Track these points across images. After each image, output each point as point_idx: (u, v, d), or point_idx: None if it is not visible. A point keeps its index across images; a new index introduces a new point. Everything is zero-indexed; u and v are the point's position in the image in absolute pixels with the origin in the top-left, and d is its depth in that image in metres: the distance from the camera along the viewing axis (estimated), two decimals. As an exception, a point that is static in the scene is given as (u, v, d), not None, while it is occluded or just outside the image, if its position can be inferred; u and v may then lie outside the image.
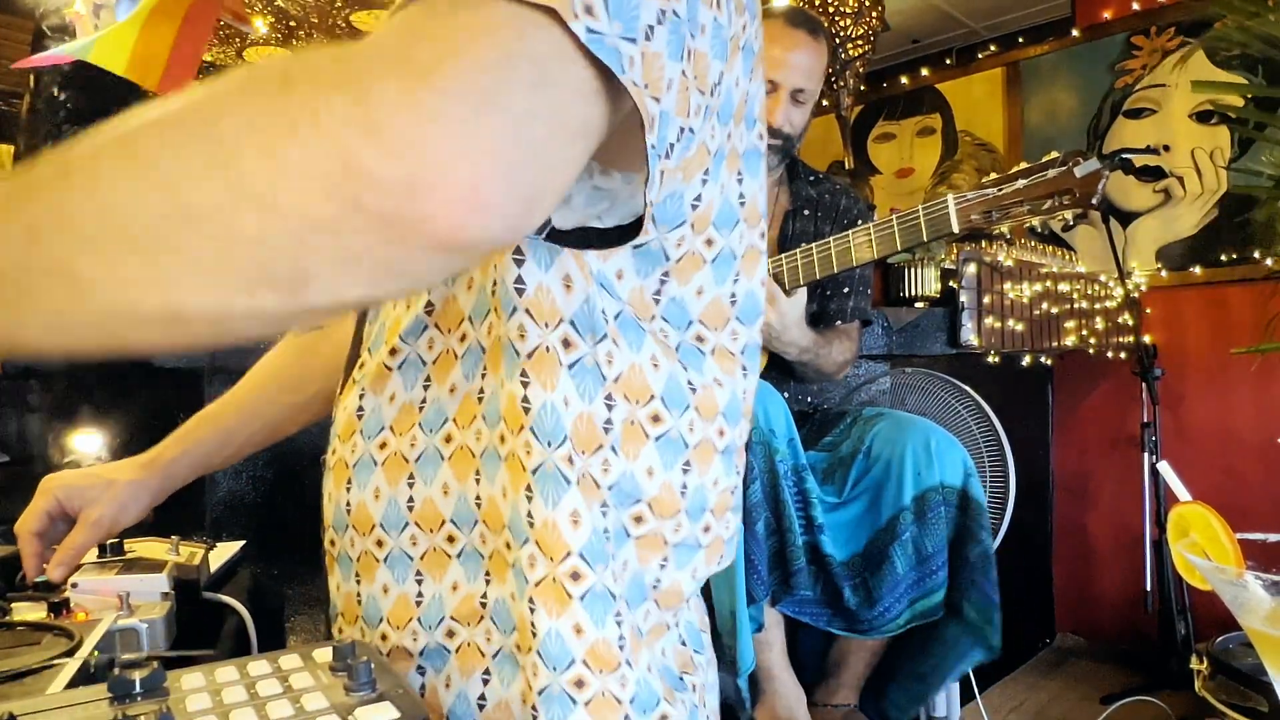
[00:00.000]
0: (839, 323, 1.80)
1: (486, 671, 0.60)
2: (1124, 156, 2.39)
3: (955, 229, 1.42)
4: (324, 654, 0.55)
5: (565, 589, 0.55)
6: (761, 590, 1.41)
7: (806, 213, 1.85)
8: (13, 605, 0.82)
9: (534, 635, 0.55)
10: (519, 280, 0.53)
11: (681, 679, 0.63)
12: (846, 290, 1.81)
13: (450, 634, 0.61)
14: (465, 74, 0.34)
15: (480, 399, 0.58)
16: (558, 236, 0.51)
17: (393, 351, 0.63)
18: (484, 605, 0.60)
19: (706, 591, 1.46)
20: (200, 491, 1.47)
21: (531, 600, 0.55)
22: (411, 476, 0.62)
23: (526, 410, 0.54)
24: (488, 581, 0.60)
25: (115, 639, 0.77)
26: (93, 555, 0.95)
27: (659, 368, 0.58)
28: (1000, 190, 1.39)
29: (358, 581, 0.66)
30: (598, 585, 0.55)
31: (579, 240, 0.52)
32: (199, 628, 0.93)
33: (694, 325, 0.60)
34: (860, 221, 1.86)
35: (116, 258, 0.35)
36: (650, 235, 0.55)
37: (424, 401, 0.62)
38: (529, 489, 0.55)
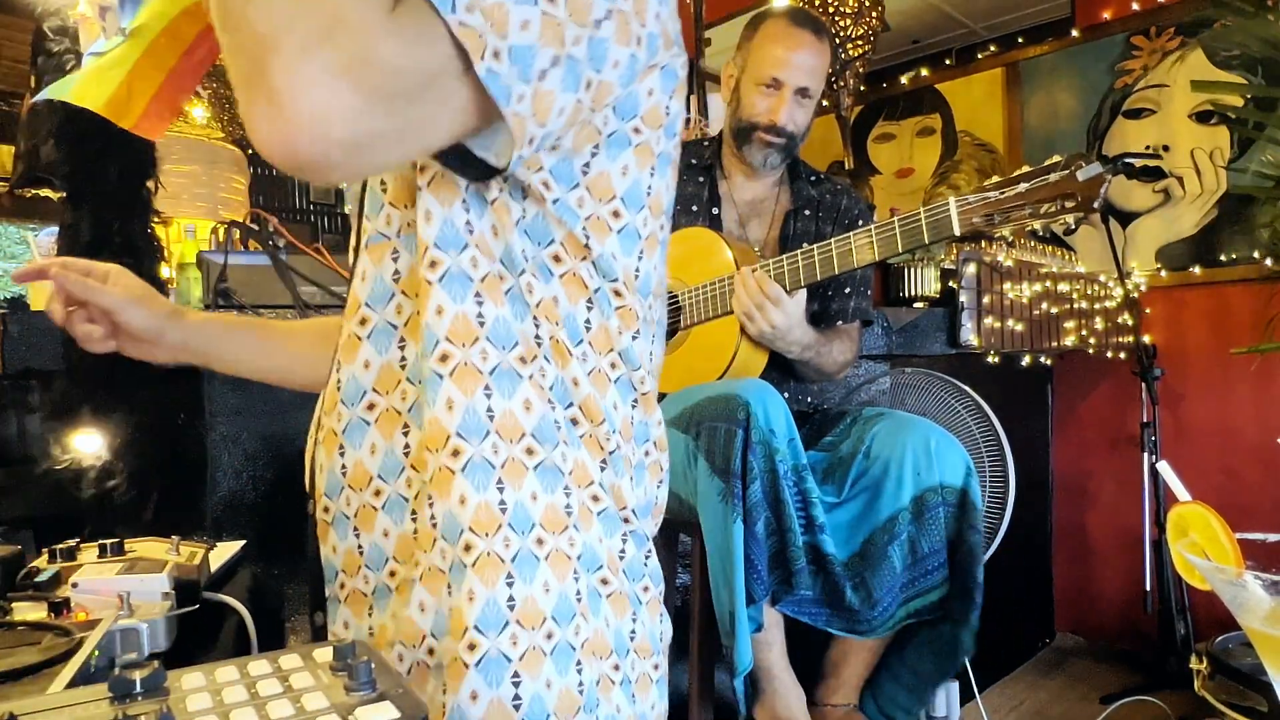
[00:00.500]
0: (840, 323, 1.80)
1: (510, 575, 0.64)
2: (1127, 160, 2.38)
3: (957, 231, 1.42)
4: (324, 653, 0.55)
5: (522, 463, 0.65)
6: (761, 590, 1.41)
7: (808, 212, 1.85)
8: (13, 605, 0.82)
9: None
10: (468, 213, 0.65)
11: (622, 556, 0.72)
12: (848, 290, 1.81)
13: (466, 547, 0.65)
14: (410, 69, 0.52)
15: (481, 323, 0.67)
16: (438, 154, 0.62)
17: (362, 321, 0.71)
18: (503, 510, 0.65)
19: (706, 592, 1.46)
20: (201, 492, 1.47)
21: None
22: (406, 426, 0.69)
23: (481, 324, 0.66)
24: (501, 488, 0.66)
25: (115, 639, 0.78)
26: (93, 555, 0.95)
27: (559, 302, 0.69)
28: (1002, 193, 1.38)
29: (356, 535, 0.71)
30: (547, 461, 0.66)
31: (454, 162, 0.62)
32: (199, 628, 0.93)
33: (616, 281, 0.70)
34: (861, 222, 1.86)
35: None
36: (548, 195, 0.66)
37: (403, 360, 0.69)
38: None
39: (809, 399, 1.85)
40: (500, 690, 0.62)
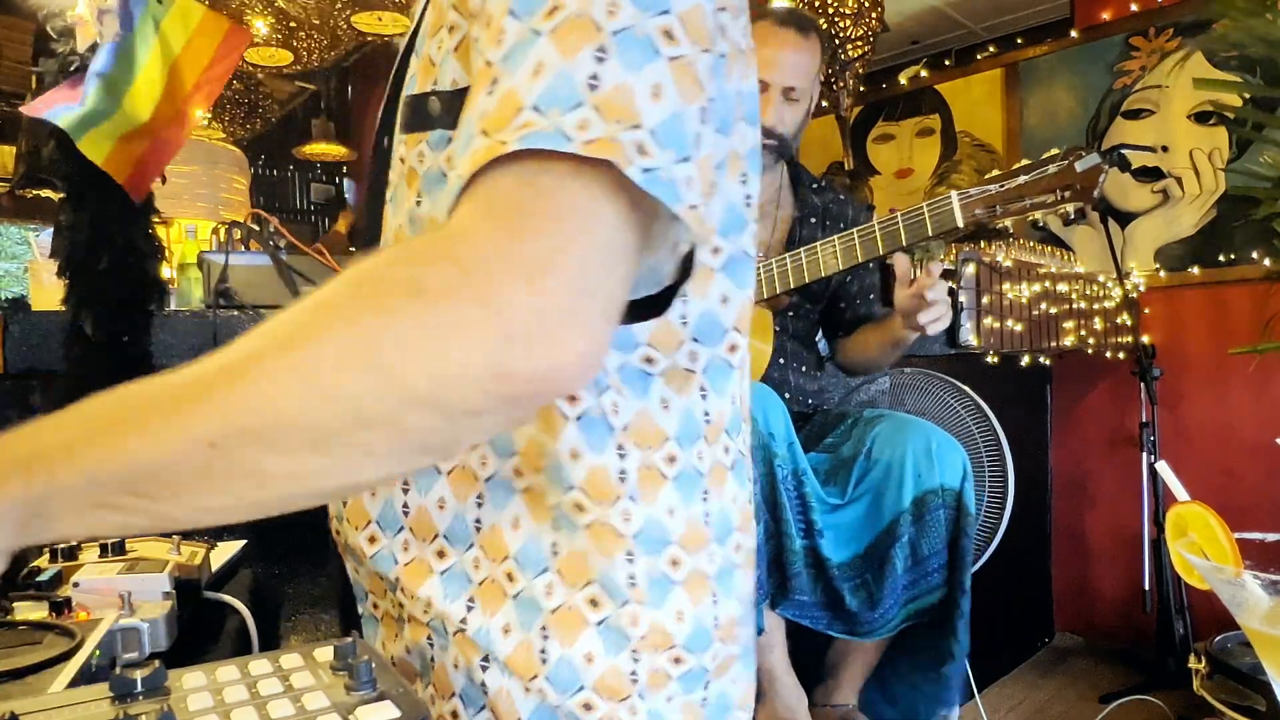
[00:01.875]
0: (843, 334, 1.85)
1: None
2: (1121, 152, 2.40)
3: (960, 224, 1.44)
4: (325, 653, 0.55)
5: (583, 615, 0.58)
6: (759, 595, 1.41)
7: (813, 220, 1.85)
8: (14, 604, 0.82)
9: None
10: None
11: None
12: (871, 296, 1.86)
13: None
14: (571, 272, 0.41)
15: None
16: None
17: None
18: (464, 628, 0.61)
19: None
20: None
21: (544, 629, 0.58)
22: (406, 484, 0.64)
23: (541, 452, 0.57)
24: (469, 608, 0.61)
25: (117, 638, 0.78)
26: (94, 554, 0.95)
27: (669, 409, 0.59)
28: (1002, 186, 1.41)
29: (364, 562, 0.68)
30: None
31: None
32: (200, 627, 0.93)
33: (729, 334, 0.61)
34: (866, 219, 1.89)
35: (299, 457, 0.41)
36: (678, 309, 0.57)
37: None
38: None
39: (809, 400, 1.85)
40: None
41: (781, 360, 1.77)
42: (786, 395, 1.78)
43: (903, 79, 4.00)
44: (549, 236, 0.41)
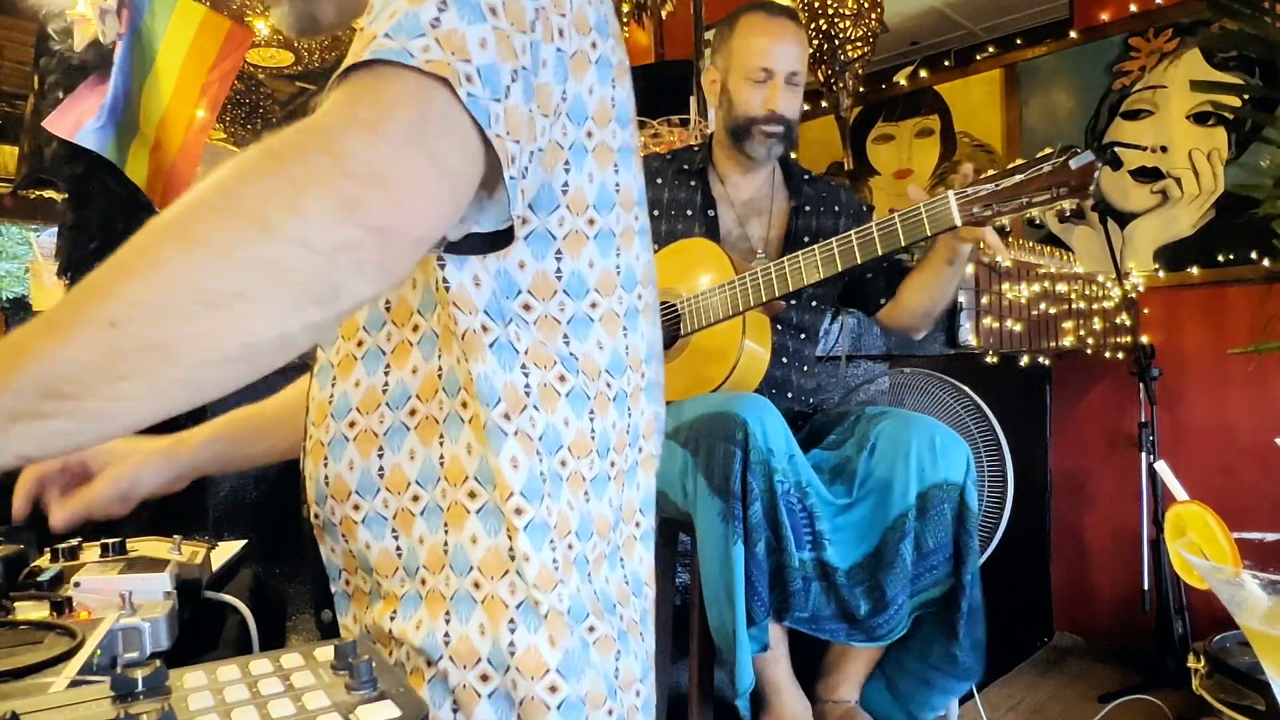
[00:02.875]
0: (885, 299, 1.84)
1: (448, 613, 0.68)
2: (1113, 149, 2.40)
3: (957, 222, 1.44)
4: (325, 652, 0.56)
5: (512, 523, 0.66)
6: (762, 611, 1.41)
7: (809, 209, 1.87)
8: (15, 604, 0.82)
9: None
10: (445, 280, 0.65)
11: (614, 606, 0.73)
12: (884, 265, 1.84)
13: (422, 581, 0.70)
14: (400, 127, 0.50)
15: (440, 374, 0.70)
16: (453, 247, 0.63)
17: (359, 343, 0.74)
18: (445, 552, 0.69)
19: (702, 612, 1.46)
20: (202, 491, 1.48)
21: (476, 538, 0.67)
22: (381, 448, 0.72)
23: (470, 379, 0.66)
24: (446, 530, 0.69)
25: (117, 638, 0.78)
26: (95, 554, 0.96)
27: (548, 345, 0.70)
28: (999, 185, 1.41)
29: (345, 540, 0.75)
30: (536, 518, 0.67)
31: (469, 247, 0.63)
32: (201, 627, 0.93)
33: (590, 293, 0.71)
34: (863, 209, 1.91)
35: (197, 319, 0.46)
36: (522, 231, 0.67)
37: (386, 385, 0.72)
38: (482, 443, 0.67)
39: (809, 399, 1.86)
40: None
41: (784, 360, 1.77)
42: (788, 395, 1.78)
43: (901, 79, 4.00)
44: (388, 107, 0.51)
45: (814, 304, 1.84)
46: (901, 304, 1.81)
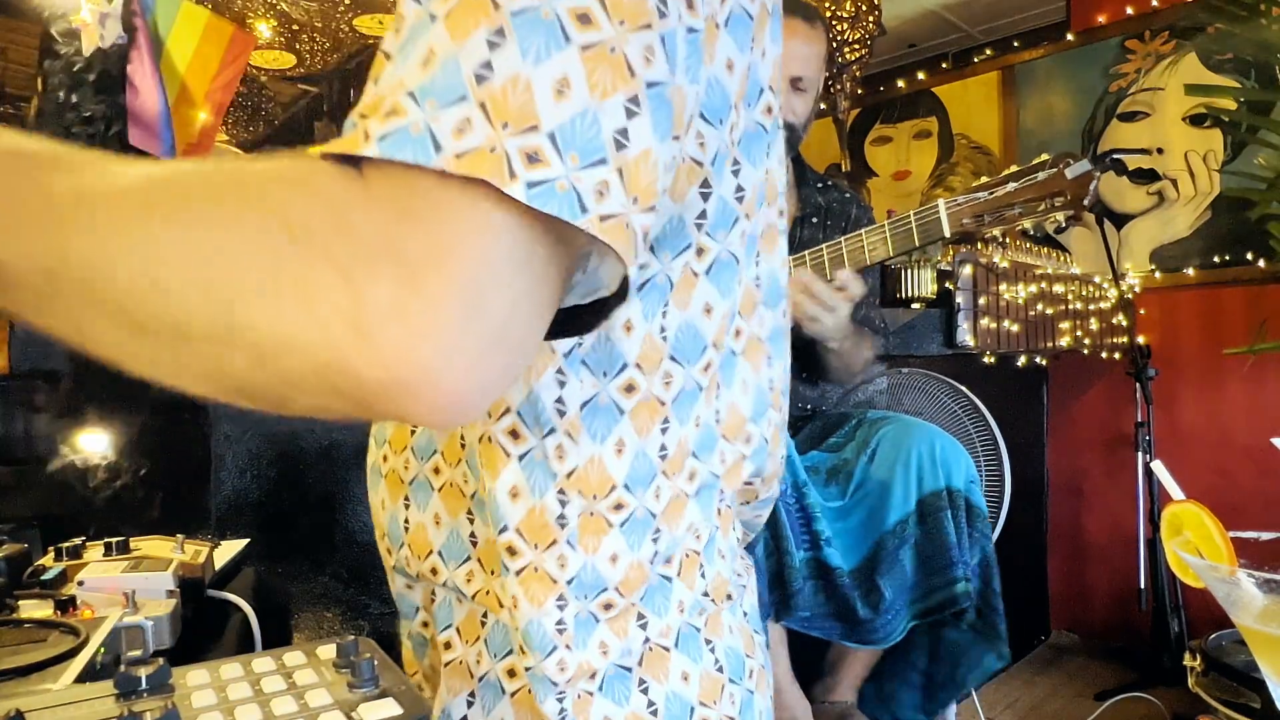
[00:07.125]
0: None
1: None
2: (1115, 157, 2.39)
3: (946, 233, 1.41)
4: (328, 651, 0.56)
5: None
6: (762, 612, 1.41)
7: (815, 220, 1.82)
8: (19, 602, 0.83)
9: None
10: None
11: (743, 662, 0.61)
12: (871, 299, 1.79)
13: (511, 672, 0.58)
14: (455, 282, 0.34)
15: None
16: None
17: None
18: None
19: None
20: (205, 490, 1.48)
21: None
22: (470, 512, 0.58)
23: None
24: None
25: (121, 636, 0.78)
26: (99, 553, 0.96)
27: (623, 453, 0.53)
28: (991, 194, 1.38)
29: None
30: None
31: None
32: (204, 625, 0.94)
33: (707, 351, 0.54)
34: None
35: (119, 332, 0.37)
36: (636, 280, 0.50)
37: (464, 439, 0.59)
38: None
39: (808, 403, 1.85)
40: None
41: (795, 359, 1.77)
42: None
43: (901, 83, 4.01)
44: (436, 232, 0.34)
45: None
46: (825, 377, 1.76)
